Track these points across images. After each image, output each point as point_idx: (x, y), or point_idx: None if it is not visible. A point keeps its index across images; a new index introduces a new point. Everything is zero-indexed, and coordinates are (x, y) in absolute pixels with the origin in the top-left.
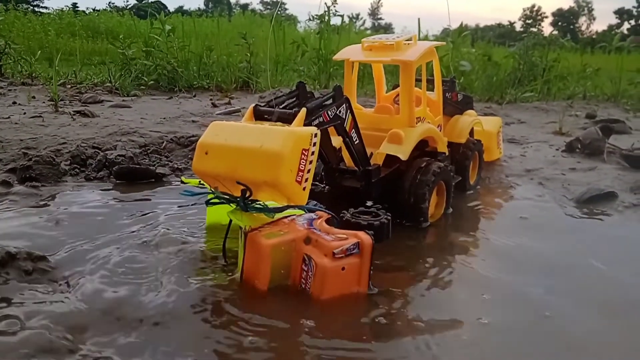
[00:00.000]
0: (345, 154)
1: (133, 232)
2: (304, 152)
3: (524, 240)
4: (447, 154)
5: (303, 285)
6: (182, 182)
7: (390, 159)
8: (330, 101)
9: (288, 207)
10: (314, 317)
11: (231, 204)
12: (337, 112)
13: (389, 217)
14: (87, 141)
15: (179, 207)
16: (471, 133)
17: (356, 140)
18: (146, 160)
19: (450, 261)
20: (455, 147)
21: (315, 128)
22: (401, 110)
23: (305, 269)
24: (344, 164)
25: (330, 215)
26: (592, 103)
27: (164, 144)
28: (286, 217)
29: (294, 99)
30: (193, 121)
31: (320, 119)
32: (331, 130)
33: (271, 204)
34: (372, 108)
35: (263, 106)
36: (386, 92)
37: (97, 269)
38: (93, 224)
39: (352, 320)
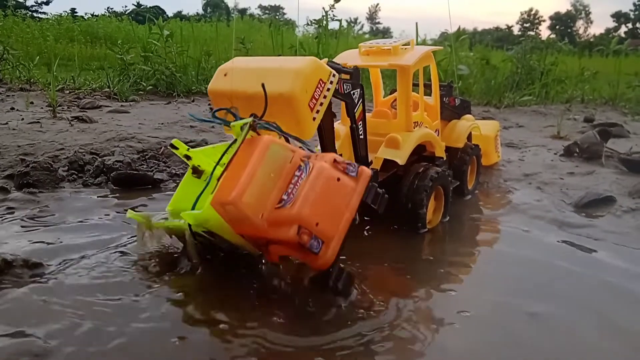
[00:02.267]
0: (345, 153)
1: (130, 239)
2: (321, 82)
3: (521, 246)
4: (444, 158)
5: (286, 197)
6: (172, 145)
7: (387, 163)
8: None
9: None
10: (301, 323)
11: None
12: (351, 93)
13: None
14: (85, 147)
15: None
16: (469, 138)
17: (361, 134)
18: (144, 166)
19: (448, 268)
20: (453, 152)
21: (334, 71)
22: (398, 114)
23: (298, 174)
24: None
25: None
26: (590, 106)
27: (162, 150)
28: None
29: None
30: (191, 126)
31: (336, 87)
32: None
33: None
34: (369, 113)
35: None
36: (383, 97)
37: (94, 276)
38: (90, 230)
39: (343, 323)
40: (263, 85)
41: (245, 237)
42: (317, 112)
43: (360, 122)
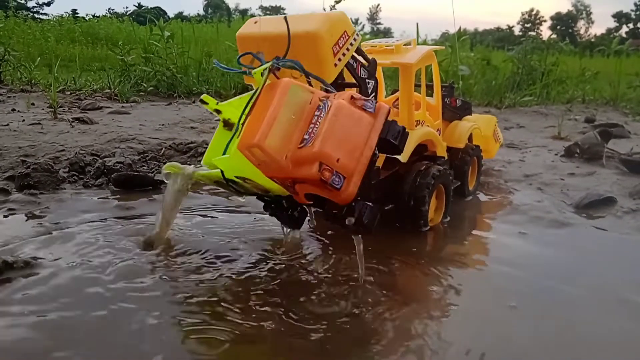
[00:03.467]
0: None
1: (130, 240)
2: (345, 33)
3: (522, 246)
4: (446, 158)
5: (307, 136)
6: (202, 100)
7: (389, 161)
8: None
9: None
10: (298, 318)
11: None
12: (366, 80)
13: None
14: (86, 148)
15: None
16: (470, 138)
17: None
18: (145, 167)
19: (448, 266)
20: (454, 152)
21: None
22: (400, 113)
23: (318, 113)
24: None
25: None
26: (591, 107)
27: (162, 151)
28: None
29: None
30: (192, 127)
31: (354, 66)
32: None
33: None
34: None
35: None
36: (385, 97)
37: (95, 278)
38: (91, 231)
39: (341, 319)
40: (285, 19)
41: (273, 179)
42: (339, 60)
43: None
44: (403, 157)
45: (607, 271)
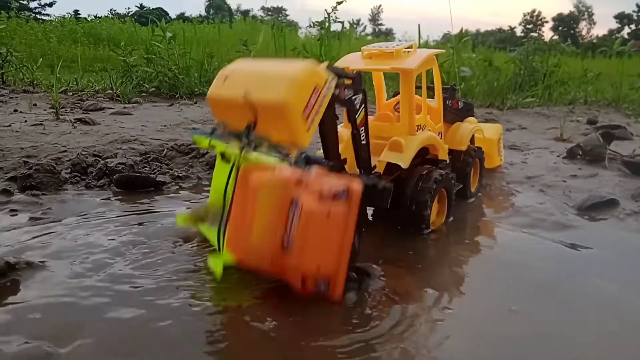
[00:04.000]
0: (348, 157)
1: (131, 241)
2: (316, 89)
3: (524, 248)
4: (448, 161)
5: (286, 242)
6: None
7: (391, 166)
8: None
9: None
10: (303, 321)
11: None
12: (352, 99)
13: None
14: (88, 149)
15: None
16: (472, 140)
17: (363, 139)
18: (146, 168)
19: (450, 269)
20: (456, 155)
21: (332, 74)
22: (402, 118)
23: (292, 212)
24: (344, 171)
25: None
26: (594, 108)
27: (164, 152)
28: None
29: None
30: (194, 128)
31: (336, 92)
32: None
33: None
34: (372, 116)
35: None
36: (386, 100)
37: (97, 279)
38: (93, 232)
39: (343, 322)
40: (246, 94)
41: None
42: (312, 121)
43: (362, 128)
44: (404, 164)
45: (608, 273)
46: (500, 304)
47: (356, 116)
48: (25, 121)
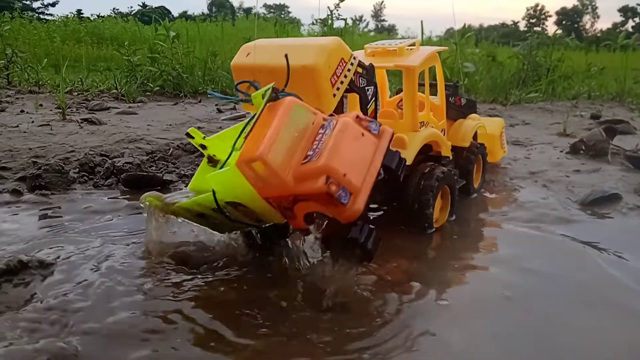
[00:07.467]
0: None
1: (140, 239)
2: (342, 60)
3: (527, 244)
4: (451, 158)
5: (311, 152)
6: (188, 134)
7: None
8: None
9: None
10: (306, 318)
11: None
12: (365, 88)
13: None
14: (95, 149)
15: None
16: (475, 137)
17: None
18: (153, 167)
19: (454, 267)
20: (459, 151)
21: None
22: (405, 115)
23: (322, 132)
24: None
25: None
26: (597, 103)
27: (170, 151)
28: None
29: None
30: (199, 127)
31: (352, 79)
32: None
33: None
34: None
35: None
36: (389, 97)
37: (107, 277)
38: (102, 231)
39: (346, 319)
40: (286, 56)
41: (271, 202)
42: (338, 89)
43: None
44: (407, 161)
45: (612, 267)
46: (505, 298)
47: (367, 106)
48: (33, 122)
